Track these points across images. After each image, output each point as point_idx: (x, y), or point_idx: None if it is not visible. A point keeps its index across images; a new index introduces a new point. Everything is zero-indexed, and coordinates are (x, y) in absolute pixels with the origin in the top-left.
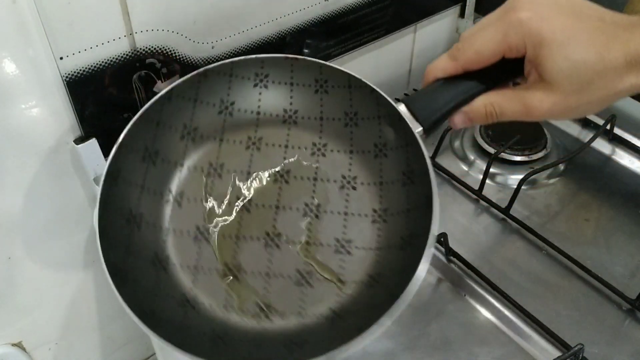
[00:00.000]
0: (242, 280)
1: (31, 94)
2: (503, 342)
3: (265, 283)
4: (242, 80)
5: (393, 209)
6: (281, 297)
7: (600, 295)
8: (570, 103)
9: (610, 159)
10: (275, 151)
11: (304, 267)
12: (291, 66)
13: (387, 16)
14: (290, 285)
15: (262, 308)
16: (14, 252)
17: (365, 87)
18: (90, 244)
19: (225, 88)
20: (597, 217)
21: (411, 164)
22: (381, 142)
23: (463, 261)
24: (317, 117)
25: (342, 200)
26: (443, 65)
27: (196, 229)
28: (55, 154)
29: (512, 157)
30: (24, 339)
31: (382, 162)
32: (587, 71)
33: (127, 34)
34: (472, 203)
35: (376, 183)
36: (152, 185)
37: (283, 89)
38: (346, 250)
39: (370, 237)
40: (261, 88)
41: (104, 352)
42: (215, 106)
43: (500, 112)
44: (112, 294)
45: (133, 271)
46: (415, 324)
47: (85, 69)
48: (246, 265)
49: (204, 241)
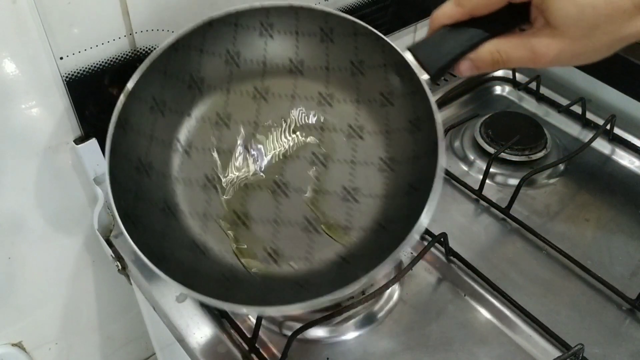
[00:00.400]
0: (250, 227)
1: (31, 94)
2: (503, 342)
3: (273, 230)
4: (248, 30)
5: (400, 156)
6: (289, 244)
7: (600, 295)
8: (577, 49)
9: (610, 159)
10: (282, 102)
11: (312, 214)
12: (296, 15)
13: (387, 16)
14: (298, 232)
15: (271, 254)
16: (14, 252)
17: (371, 34)
18: (90, 244)
19: (231, 38)
20: (597, 217)
21: (417, 112)
22: (387, 91)
23: (463, 261)
24: (323, 67)
25: (349, 150)
26: (449, 11)
27: (205, 178)
28: (55, 154)
29: (512, 157)
30: (24, 339)
31: (388, 111)
32: (595, 14)
33: (127, 34)
34: (472, 203)
35: (383, 132)
36: (161, 135)
37: (289, 38)
38: (353, 198)
39: (378, 185)
40: (266, 37)
41: (104, 352)
42: (222, 56)
43: (507, 59)
44: (112, 293)
45: (143, 217)
46: (415, 324)
47: (85, 69)
48: (254, 213)
49: (213, 190)
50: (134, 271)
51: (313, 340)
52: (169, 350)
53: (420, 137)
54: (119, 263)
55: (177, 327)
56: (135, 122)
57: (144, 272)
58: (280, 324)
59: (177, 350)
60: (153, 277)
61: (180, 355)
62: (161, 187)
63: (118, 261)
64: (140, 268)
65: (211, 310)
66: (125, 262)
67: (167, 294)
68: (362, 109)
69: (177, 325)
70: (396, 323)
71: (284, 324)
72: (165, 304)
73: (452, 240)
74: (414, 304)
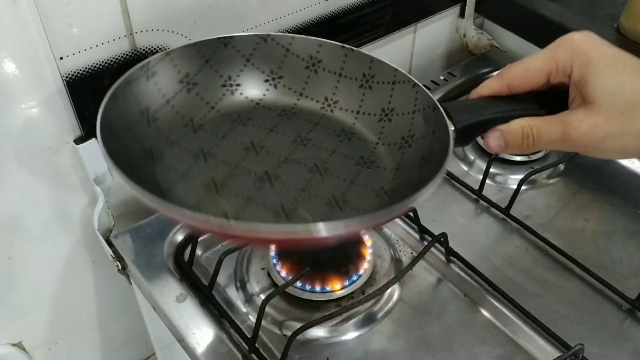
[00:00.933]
0: (221, 194)
1: (31, 94)
2: (503, 342)
3: (243, 205)
4: (297, 59)
5: (403, 187)
6: (254, 220)
7: (600, 295)
8: (612, 128)
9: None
10: (303, 125)
11: (289, 205)
12: (345, 56)
13: (387, 16)
14: (267, 215)
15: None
16: (14, 252)
17: (408, 82)
18: (90, 244)
19: (279, 61)
20: (597, 217)
21: (433, 147)
22: (409, 135)
23: (463, 261)
24: (354, 111)
25: (352, 173)
26: (489, 83)
27: (200, 151)
28: (55, 154)
29: (512, 157)
30: (24, 339)
31: (404, 152)
32: (633, 93)
33: (127, 34)
34: (472, 203)
35: (393, 169)
36: (179, 107)
37: (331, 78)
38: (338, 206)
39: (369, 205)
40: (311, 72)
41: (104, 352)
42: (264, 73)
43: (537, 134)
44: (112, 293)
45: (125, 144)
46: (415, 324)
47: (85, 69)
48: (232, 186)
49: (202, 160)
50: (134, 271)
51: (313, 340)
52: (169, 350)
53: (427, 168)
54: (119, 263)
55: (177, 327)
56: (162, 79)
57: (144, 272)
58: (280, 324)
59: (177, 350)
60: (153, 277)
61: (180, 355)
62: (154, 138)
63: (118, 261)
64: (140, 268)
65: (211, 310)
66: (125, 262)
67: (167, 294)
68: (380, 149)
69: (177, 325)
70: (396, 323)
71: (284, 324)
72: (165, 304)
73: (452, 240)
74: (414, 304)
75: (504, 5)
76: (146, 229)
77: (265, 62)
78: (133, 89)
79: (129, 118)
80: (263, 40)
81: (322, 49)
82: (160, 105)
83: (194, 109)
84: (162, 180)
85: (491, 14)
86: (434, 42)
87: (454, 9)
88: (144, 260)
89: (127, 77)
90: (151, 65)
